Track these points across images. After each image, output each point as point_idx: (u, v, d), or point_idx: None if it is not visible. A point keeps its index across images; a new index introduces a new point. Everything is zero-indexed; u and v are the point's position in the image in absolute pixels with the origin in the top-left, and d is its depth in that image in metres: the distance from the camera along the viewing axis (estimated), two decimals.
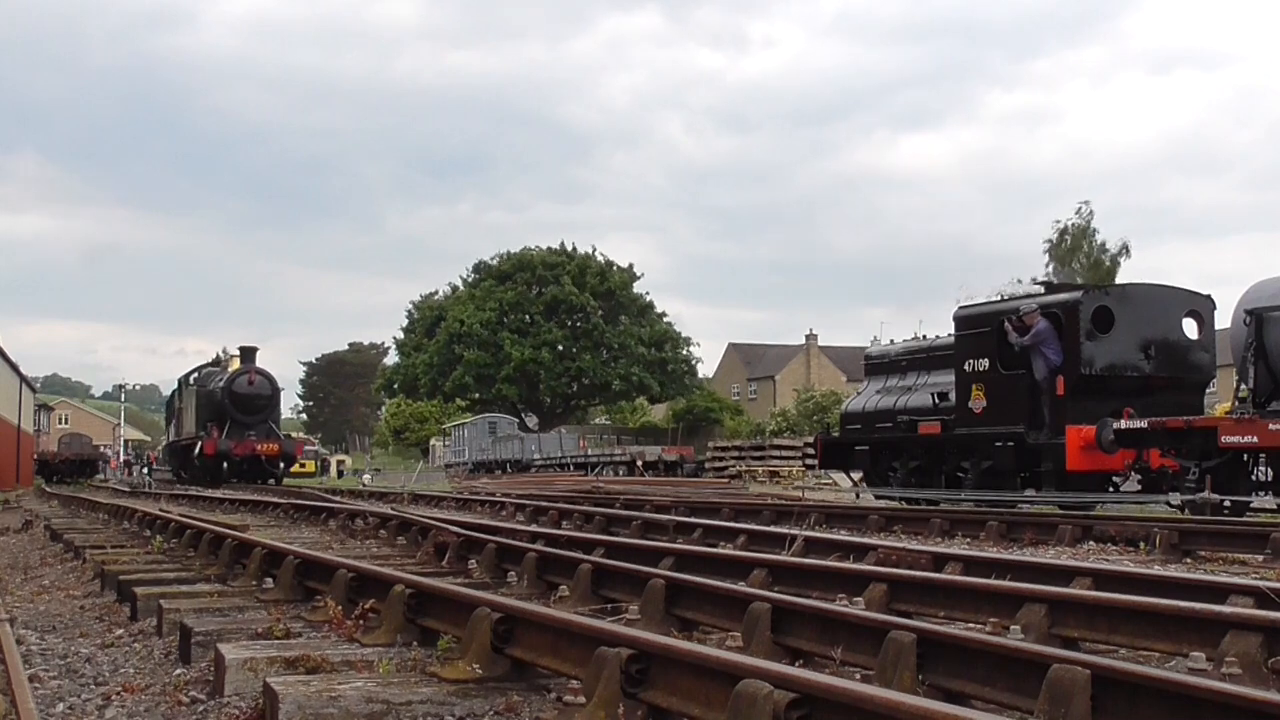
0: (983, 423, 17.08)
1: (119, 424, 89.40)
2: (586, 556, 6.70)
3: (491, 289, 66.58)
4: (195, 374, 40.16)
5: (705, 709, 3.26)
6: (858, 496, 20.81)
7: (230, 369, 38.33)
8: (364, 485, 31.42)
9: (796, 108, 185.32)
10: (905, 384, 20.07)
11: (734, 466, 37.20)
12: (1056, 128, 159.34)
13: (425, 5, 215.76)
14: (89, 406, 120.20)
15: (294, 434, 49.63)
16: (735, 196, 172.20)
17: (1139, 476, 15.73)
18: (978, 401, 17.20)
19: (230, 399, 35.69)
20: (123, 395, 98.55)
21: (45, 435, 69.56)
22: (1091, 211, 50.23)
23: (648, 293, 69.67)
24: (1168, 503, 14.68)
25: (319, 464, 51.58)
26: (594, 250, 68.58)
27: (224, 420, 35.44)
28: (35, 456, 55.79)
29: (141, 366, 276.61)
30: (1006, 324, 16.54)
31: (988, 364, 17.10)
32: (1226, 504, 13.28)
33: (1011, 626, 4.53)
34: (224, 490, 26.42)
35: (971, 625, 4.89)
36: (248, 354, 38.73)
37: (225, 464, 34.19)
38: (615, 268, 68.52)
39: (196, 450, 35.09)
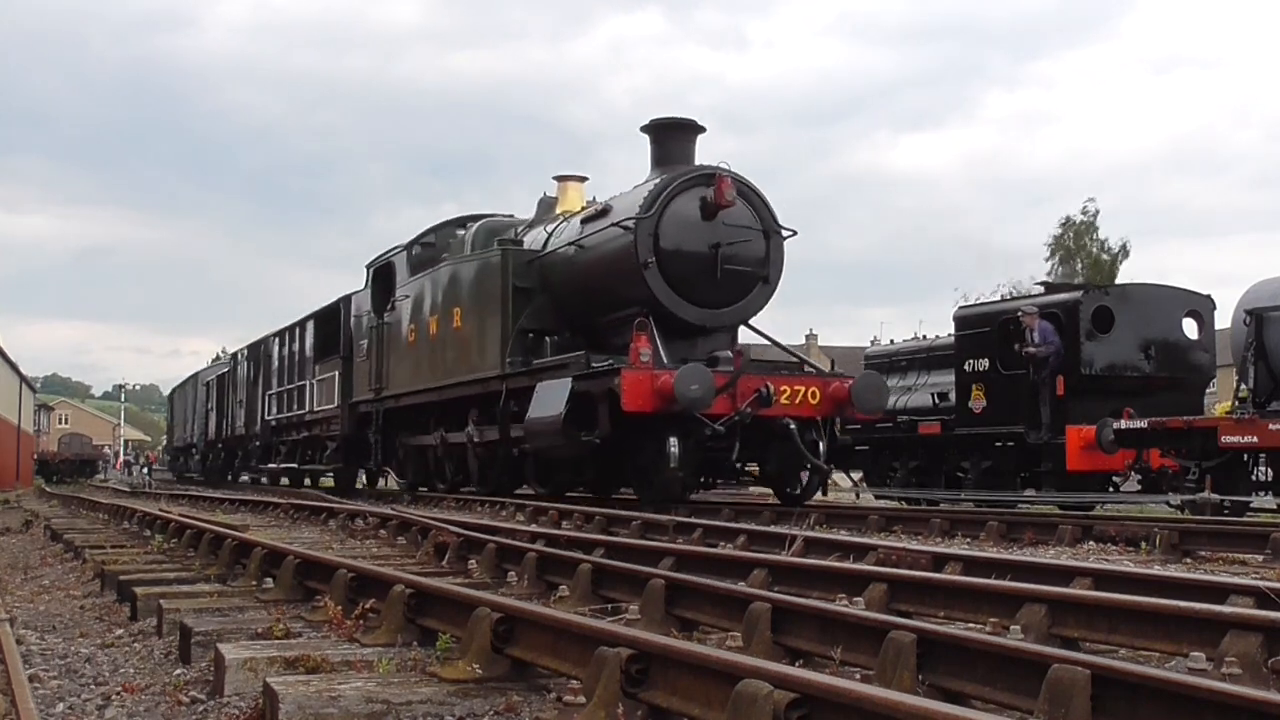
0: (983, 423, 17.09)
1: (119, 424, 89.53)
2: (586, 556, 6.69)
3: None
4: (432, 235, 19.56)
5: (705, 709, 3.25)
6: (858, 496, 20.83)
7: (563, 208, 16.42)
8: (363, 484, 31.14)
9: (797, 109, 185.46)
10: (905, 384, 20.10)
11: None
12: (1057, 128, 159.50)
13: (427, 7, 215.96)
14: (89, 406, 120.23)
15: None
16: None
17: (1139, 476, 15.74)
18: (978, 401, 17.21)
19: (662, 261, 13.79)
20: (123, 395, 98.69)
21: (45, 435, 69.66)
22: (1097, 210, 50.11)
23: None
24: (1168, 503, 14.69)
25: None
26: None
27: (645, 322, 13.38)
28: (35, 456, 55.88)
29: (136, 367, 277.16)
30: (1025, 333, 16.18)
31: (988, 364, 17.10)
32: (1226, 504, 13.28)
33: (1011, 626, 4.52)
34: (224, 490, 26.19)
35: (971, 625, 4.89)
36: (674, 135, 14.49)
37: (674, 441, 12.66)
38: None
39: (554, 408, 13.23)
